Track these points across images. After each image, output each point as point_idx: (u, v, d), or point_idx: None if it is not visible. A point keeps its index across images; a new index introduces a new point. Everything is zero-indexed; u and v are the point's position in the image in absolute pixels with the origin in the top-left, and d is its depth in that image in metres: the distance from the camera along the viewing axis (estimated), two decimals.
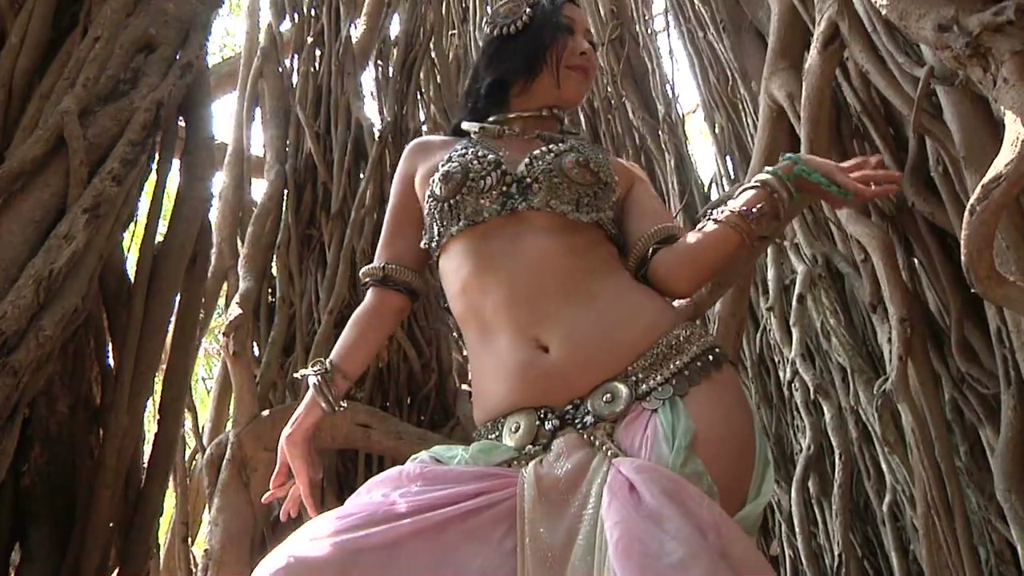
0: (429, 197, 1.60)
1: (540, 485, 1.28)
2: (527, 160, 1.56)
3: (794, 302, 4.18)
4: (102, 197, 1.69)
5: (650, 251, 1.58)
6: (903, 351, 2.60)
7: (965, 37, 1.70)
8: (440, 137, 1.83)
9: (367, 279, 1.72)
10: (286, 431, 1.63)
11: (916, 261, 3.02)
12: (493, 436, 1.43)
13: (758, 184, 1.52)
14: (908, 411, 2.63)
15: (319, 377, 1.60)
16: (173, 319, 2.07)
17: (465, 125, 1.73)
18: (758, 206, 1.49)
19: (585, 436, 1.33)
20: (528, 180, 1.54)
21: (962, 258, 1.67)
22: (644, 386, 1.36)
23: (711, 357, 1.40)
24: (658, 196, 1.82)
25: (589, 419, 1.35)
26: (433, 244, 1.61)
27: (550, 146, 1.59)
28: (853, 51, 2.54)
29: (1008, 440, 2.27)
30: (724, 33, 4.95)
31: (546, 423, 1.37)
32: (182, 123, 2.13)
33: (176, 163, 2.16)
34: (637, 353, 1.40)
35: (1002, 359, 2.35)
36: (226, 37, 11.32)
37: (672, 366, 1.38)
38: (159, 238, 2.03)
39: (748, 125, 4.91)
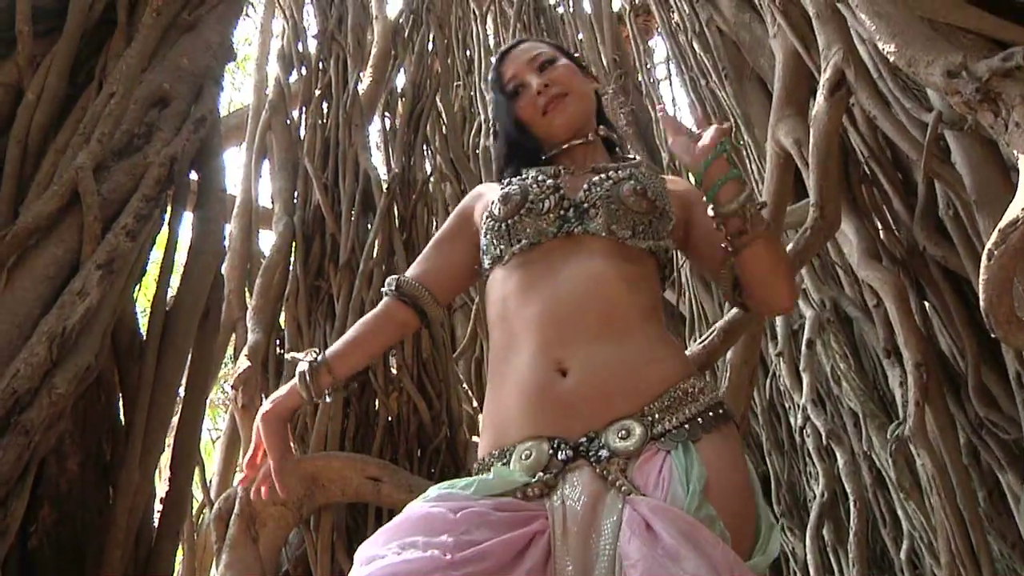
0: (487, 218, 1.63)
1: (564, 519, 1.28)
2: (586, 186, 1.60)
3: (803, 347, 4.16)
4: (116, 252, 1.69)
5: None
6: (920, 396, 2.58)
7: (975, 83, 1.70)
8: (498, 185, 1.83)
9: (385, 289, 1.76)
10: (263, 409, 1.69)
11: (928, 305, 3.01)
12: (500, 465, 1.41)
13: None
14: (927, 457, 2.59)
15: (307, 366, 1.65)
16: (185, 375, 2.05)
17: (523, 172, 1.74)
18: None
19: (598, 470, 1.32)
20: (586, 205, 1.57)
21: (981, 303, 1.65)
22: (659, 427, 1.37)
23: (720, 411, 1.43)
24: None
25: (604, 453, 1.34)
26: (487, 263, 1.64)
27: (608, 174, 1.62)
28: (860, 97, 2.55)
29: None
30: (726, 80, 4.99)
31: (559, 453, 1.36)
32: (194, 176, 2.15)
33: (187, 216, 2.17)
34: (653, 396, 1.41)
35: (1023, 404, 2.32)
36: (233, 92, 11.47)
37: (686, 412, 1.39)
38: (171, 292, 2.03)
39: (753, 171, 4.93)
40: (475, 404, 4.54)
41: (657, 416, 1.38)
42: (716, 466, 1.32)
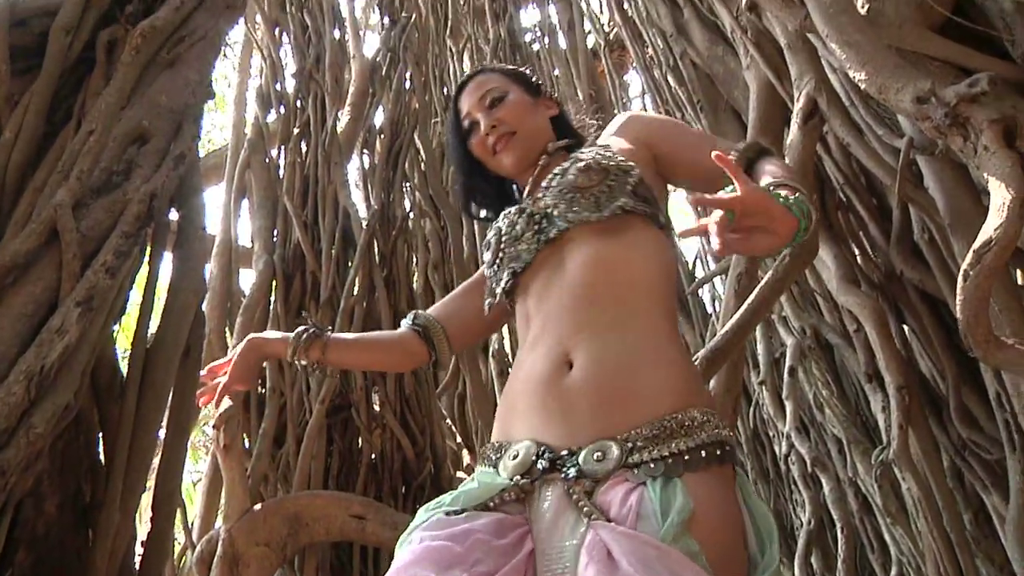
0: (485, 268, 1.71)
1: (538, 533, 1.28)
2: (540, 194, 1.62)
3: (785, 375, 4.16)
4: (95, 290, 1.67)
5: (747, 164, 1.51)
6: (903, 419, 2.59)
7: (943, 108, 1.73)
8: None
9: (405, 320, 1.80)
10: (253, 335, 1.79)
11: (908, 328, 3.03)
12: (495, 457, 1.43)
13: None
14: (912, 480, 2.60)
15: (309, 330, 1.73)
16: (166, 414, 2.03)
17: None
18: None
19: (566, 488, 1.28)
20: (548, 208, 1.59)
21: (959, 324, 1.67)
22: (637, 456, 1.28)
23: (719, 452, 1.31)
24: (676, 128, 1.77)
25: (573, 472, 1.30)
26: (492, 301, 1.67)
27: (556, 170, 1.64)
28: (833, 125, 2.59)
29: (1019, 507, 2.23)
30: (702, 113, 5.04)
31: (539, 461, 1.34)
32: (174, 214, 2.14)
33: (168, 254, 2.16)
34: (644, 418, 1.33)
35: (1004, 424, 2.33)
36: (211, 131, 11.46)
37: (675, 446, 1.29)
38: (152, 330, 2.01)
39: None
40: (459, 440, 4.52)
41: (640, 444, 1.30)
42: (705, 503, 1.23)
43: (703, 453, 1.29)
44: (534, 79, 1.92)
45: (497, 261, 1.64)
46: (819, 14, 2.12)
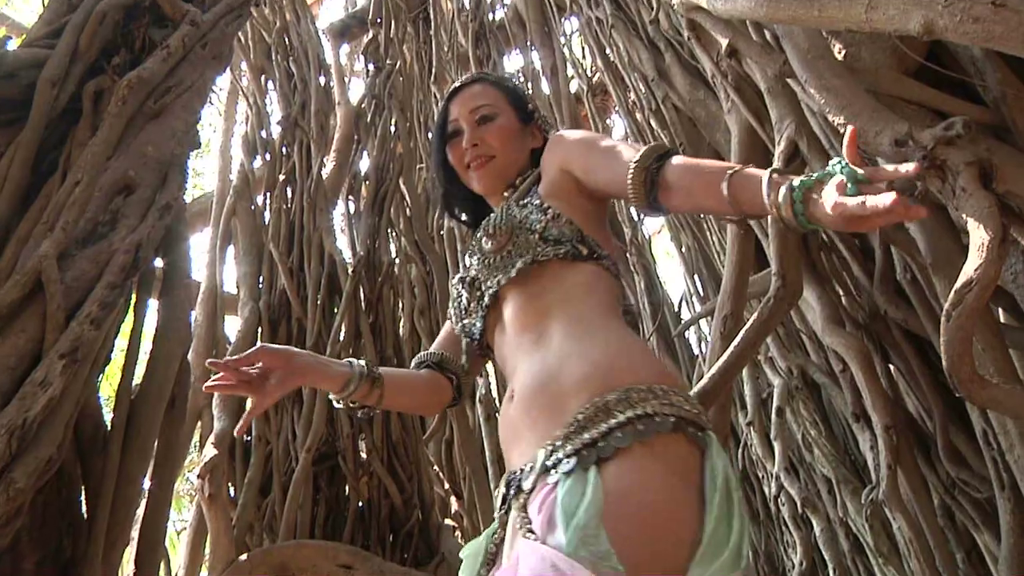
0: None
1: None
2: (473, 264, 1.67)
3: (773, 416, 4.16)
4: (80, 341, 1.66)
5: (649, 175, 1.44)
6: (891, 459, 2.58)
7: (921, 151, 1.76)
8: None
9: (422, 360, 1.78)
10: (289, 350, 1.55)
11: (893, 367, 3.04)
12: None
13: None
14: (903, 520, 2.59)
15: (366, 375, 1.60)
16: (150, 465, 2.00)
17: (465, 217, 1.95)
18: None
19: (515, 512, 1.28)
20: (478, 278, 1.64)
21: (943, 363, 1.68)
22: (554, 456, 1.24)
23: (641, 426, 1.23)
24: (590, 144, 1.69)
25: (512, 491, 1.31)
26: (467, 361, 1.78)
27: (478, 235, 1.68)
28: (814, 167, 2.62)
29: (1011, 546, 2.23)
30: (684, 156, 5.09)
31: (503, 490, 1.38)
32: (159, 263, 2.13)
33: (153, 303, 2.15)
34: (572, 412, 1.29)
35: (992, 461, 2.33)
36: (197, 177, 11.47)
37: (588, 436, 1.23)
38: (137, 380, 1.99)
39: (714, 243, 5.00)
40: (447, 486, 4.48)
41: (558, 444, 1.25)
42: (623, 488, 1.17)
43: (619, 434, 1.22)
44: (529, 105, 1.91)
45: (460, 327, 1.71)
46: (797, 60, 2.16)
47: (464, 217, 1.97)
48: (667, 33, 5.23)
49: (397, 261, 4.89)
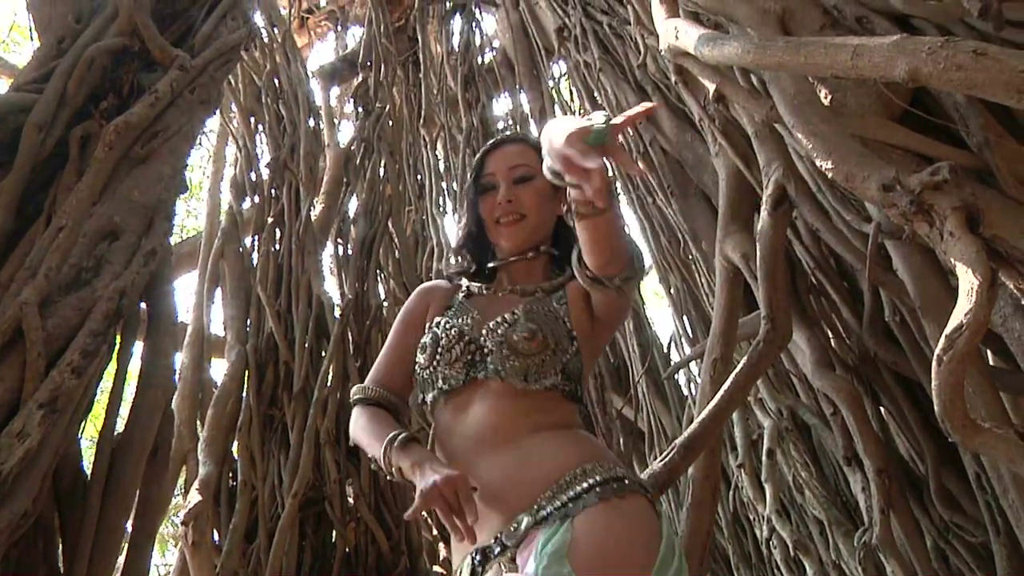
0: (416, 361, 1.75)
1: None
2: (485, 330, 1.70)
3: (764, 458, 4.13)
4: (60, 391, 1.62)
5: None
6: (884, 503, 2.56)
7: (908, 195, 1.77)
8: (444, 285, 1.95)
9: (357, 397, 1.81)
10: (442, 470, 1.52)
11: (884, 410, 3.03)
12: None
13: None
14: (896, 564, 2.56)
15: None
16: (132, 516, 1.94)
17: (460, 281, 1.92)
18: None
19: (498, 564, 1.47)
20: (485, 349, 1.68)
21: (935, 408, 1.67)
22: (543, 512, 1.46)
23: (615, 485, 1.48)
24: None
25: (497, 549, 1.48)
26: (420, 404, 1.76)
27: (507, 315, 1.70)
28: (802, 211, 2.64)
29: None
30: (672, 198, 5.12)
31: (474, 561, 1.51)
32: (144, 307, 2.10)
33: (138, 347, 2.11)
34: (546, 485, 1.49)
35: (986, 505, 2.31)
36: (185, 218, 11.46)
37: (571, 492, 1.47)
38: (119, 427, 1.95)
39: (703, 285, 5.01)
40: (435, 532, 4.41)
41: (544, 503, 1.47)
42: (588, 529, 1.40)
43: (597, 490, 1.46)
44: None
45: (429, 371, 1.71)
46: (784, 105, 2.18)
47: (463, 264, 1.99)
48: (654, 76, 5.28)
49: (386, 303, 4.87)
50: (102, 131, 2.00)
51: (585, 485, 1.48)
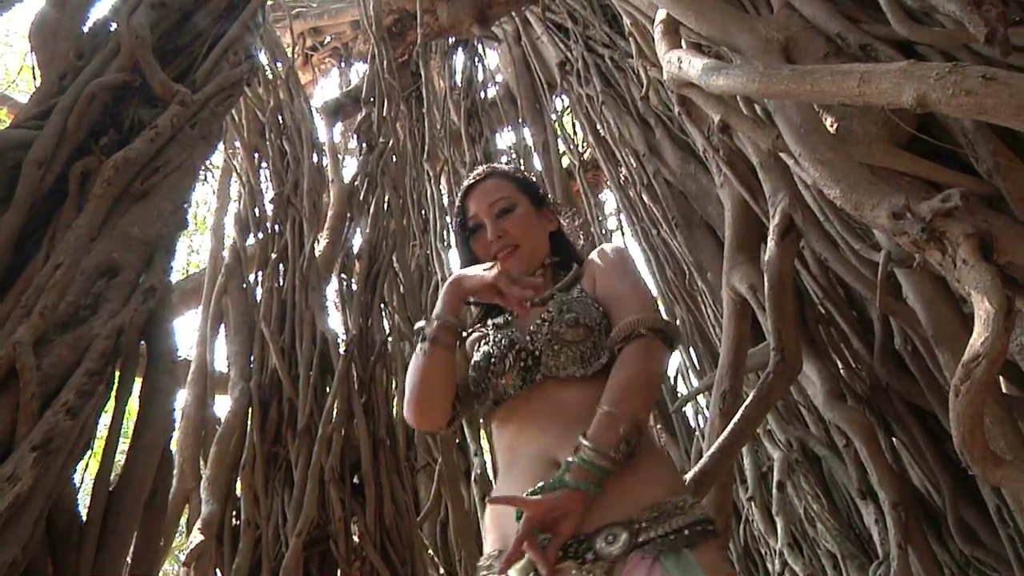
0: (469, 374, 1.78)
1: None
2: (528, 335, 1.72)
3: (774, 490, 4.06)
4: (54, 432, 1.57)
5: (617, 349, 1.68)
6: (901, 539, 2.50)
7: (920, 223, 1.74)
8: (470, 338, 1.92)
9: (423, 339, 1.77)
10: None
11: (897, 440, 2.98)
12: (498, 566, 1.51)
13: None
14: None
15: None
16: (128, 561, 1.88)
17: (482, 328, 1.90)
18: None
19: (583, 572, 1.42)
20: (537, 353, 1.69)
21: (954, 440, 1.63)
22: (644, 536, 1.42)
23: (711, 527, 1.47)
24: (612, 268, 1.87)
25: (590, 555, 1.43)
26: (480, 409, 1.79)
27: (543, 316, 1.74)
28: (809, 240, 2.61)
29: None
30: (677, 229, 5.11)
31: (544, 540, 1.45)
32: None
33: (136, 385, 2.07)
34: (643, 506, 1.47)
35: (1008, 540, 2.26)
36: (191, 254, 11.49)
37: (674, 524, 1.44)
38: (117, 468, 1.90)
39: (709, 316, 4.98)
40: (441, 570, 4.34)
41: (644, 525, 1.44)
42: (711, 570, 1.39)
43: (698, 528, 1.45)
44: (540, 191, 2.03)
45: (484, 385, 1.72)
46: (790, 134, 2.16)
47: (475, 307, 2.04)
48: (657, 109, 5.30)
49: (390, 338, 4.83)
50: (101, 167, 1.98)
51: (688, 520, 1.45)
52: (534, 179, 2.10)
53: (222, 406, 4.17)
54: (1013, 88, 1.54)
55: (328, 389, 3.88)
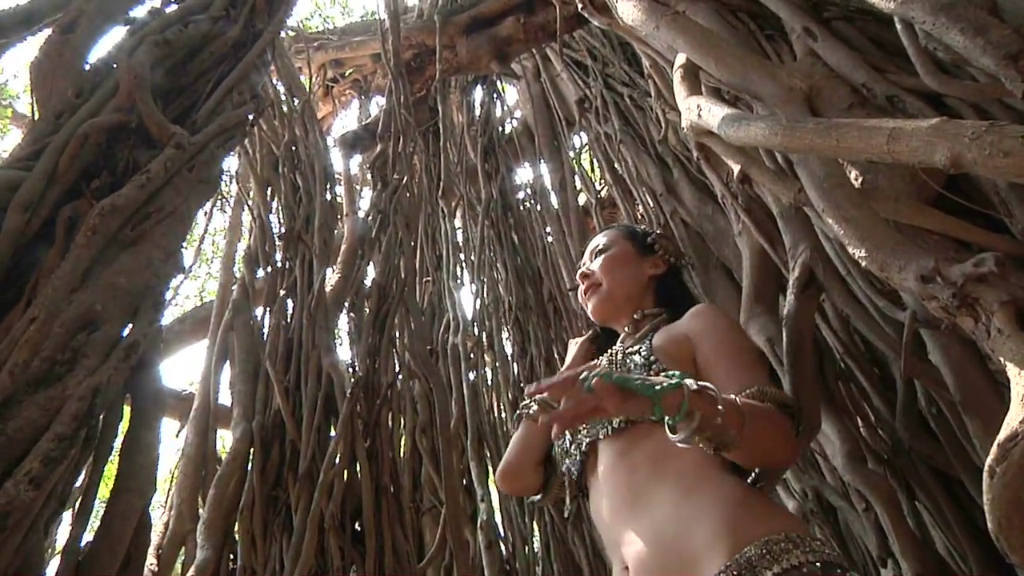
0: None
1: None
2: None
3: None
4: (13, 505, 1.45)
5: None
6: None
7: (950, 288, 1.64)
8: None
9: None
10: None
11: (920, 504, 2.85)
12: None
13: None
14: None
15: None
16: None
17: None
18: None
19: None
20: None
21: (989, 526, 1.52)
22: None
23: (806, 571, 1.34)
24: (725, 339, 1.81)
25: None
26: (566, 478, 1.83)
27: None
28: (831, 296, 2.51)
29: None
30: (692, 271, 5.01)
31: None
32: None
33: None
34: (710, 573, 1.35)
35: None
36: (206, 280, 11.52)
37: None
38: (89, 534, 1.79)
39: None
40: None
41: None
42: None
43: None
44: (648, 239, 2.08)
45: (565, 464, 1.75)
46: (813, 188, 2.06)
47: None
48: (675, 149, 5.23)
49: (400, 376, 4.74)
50: (88, 213, 1.91)
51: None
52: (647, 229, 2.17)
53: (228, 440, 4.09)
54: None
55: (332, 432, 3.79)
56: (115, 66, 2.29)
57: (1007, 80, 1.67)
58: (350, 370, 4.17)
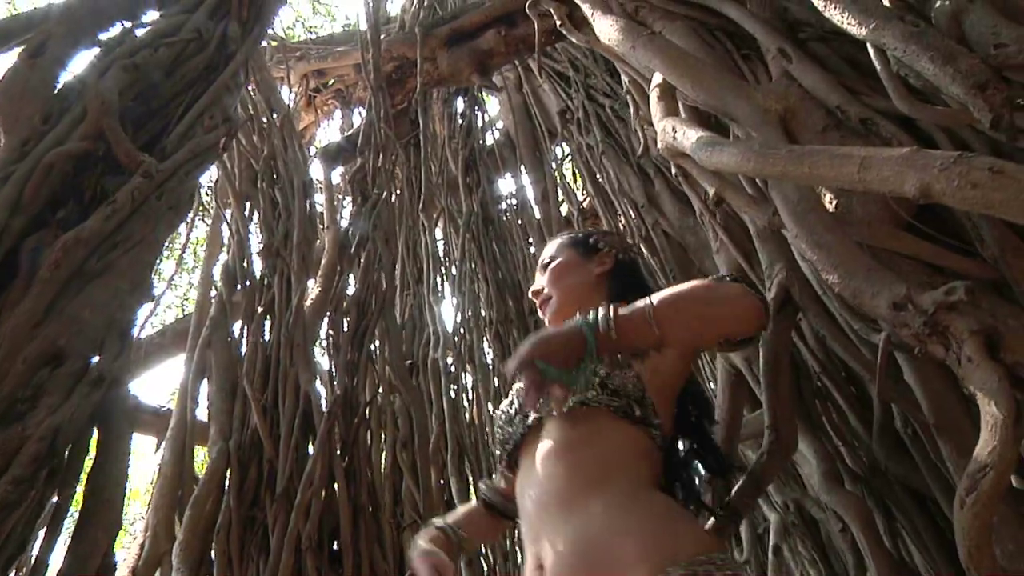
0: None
1: None
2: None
3: (770, 554, 3.93)
4: None
5: None
6: None
7: (922, 316, 1.65)
8: None
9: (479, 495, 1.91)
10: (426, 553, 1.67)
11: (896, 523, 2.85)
12: None
13: None
14: None
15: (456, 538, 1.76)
16: None
17: None
18: None
19: None
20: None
21: (960, 555, 1.52)
22: None
23: None
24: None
25: None
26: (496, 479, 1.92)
27: None
28: (807, 316, 2.51)
29: None
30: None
31: None
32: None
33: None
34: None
35: None
36: (190, 289, 11.41)
37: None
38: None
39: (705, 371, 4.87)
40: None
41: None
42: None
43: None
44: (590, 239, 2.03)
45: (501, 438, 1.74)
46: (787, 212, 2.06)
47: None
48: (656, 160, 5.25)
49: (380, 390, 4.70)
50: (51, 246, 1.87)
51: None
52: (588, 232, 2.11)
53: (202, 457, 4.04)
54: (1022, 182, 1.44)
55: (310, 451, 3.75)
56: (84, 91, 2.25)
57: (975, 109, 1.67)
58: (329, 387, 4.14)
